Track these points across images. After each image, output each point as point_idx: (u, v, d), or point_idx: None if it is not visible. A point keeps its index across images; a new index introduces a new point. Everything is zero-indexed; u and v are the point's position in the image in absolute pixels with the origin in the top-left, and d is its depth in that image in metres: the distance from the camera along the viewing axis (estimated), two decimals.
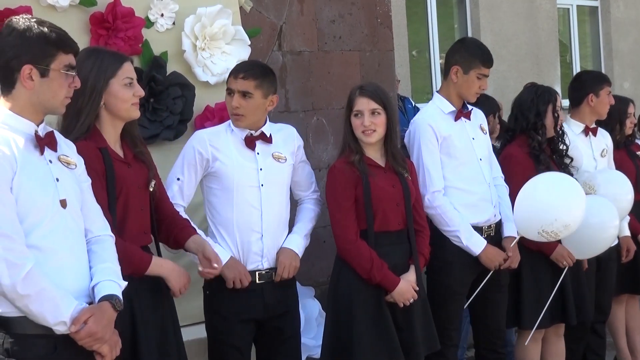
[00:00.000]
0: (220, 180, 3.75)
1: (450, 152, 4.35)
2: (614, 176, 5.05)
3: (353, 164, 3.90)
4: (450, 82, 4.41)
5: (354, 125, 3.93)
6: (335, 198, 3.91)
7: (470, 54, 4.41)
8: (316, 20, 5.30)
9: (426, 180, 4.29)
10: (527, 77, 9.61)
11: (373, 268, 3.83)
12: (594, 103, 5.10)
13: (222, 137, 3.78)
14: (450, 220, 4.29)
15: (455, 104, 4.41)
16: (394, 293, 3.88)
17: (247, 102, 3.72)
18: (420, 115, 4.49)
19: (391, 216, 3.94)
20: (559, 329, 4.82)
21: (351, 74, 5.39)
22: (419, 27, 10.14)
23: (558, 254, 4.53)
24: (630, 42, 12.61)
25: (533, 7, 11.05)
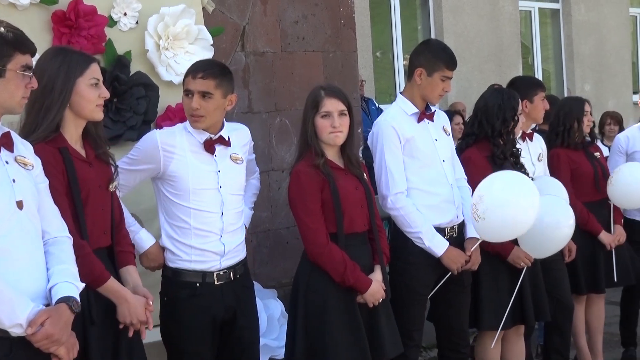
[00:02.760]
0: (176, 183, 3.67)
1: (413, 153, 4.34)
2: (551, 183, 5.09)
3: (318, 167, 3.85)
4: (414, 84, 4.40)
5: (320, 127, 3.87)
6: (303, 202, 3.86)
7: (435, 56, 4.40)
8: (279, 21, 5.29)
9: (389, 181, 4.28)
10: (489, 79, 9.71)
11: (346, 270, 3.80)
12: (529, 109, 5.13)
13: (177, 139, 3.69)
14: (413, 221, 4.29)
15: (419, 105, 4.41)
16: (367, 294, 3.87)
17: (207, 102, 3.64)
18: (384, 116, 4.48)
19: (357, 218, 3.92)
20: (519, 329, 4.84)
21: (314, 75, 5.39)
22: (383, 28, 10.18)
23: (515, 256, 4.55)
24: (591, 44, 12.77)
25: (496, 9, 11.15)
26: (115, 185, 3.37)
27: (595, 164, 5.54)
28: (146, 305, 3.26)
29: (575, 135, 5.49)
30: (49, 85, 2.99)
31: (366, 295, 3.86)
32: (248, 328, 3.86)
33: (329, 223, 3.86)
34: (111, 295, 3.18)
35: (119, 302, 3.19)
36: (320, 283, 3.87)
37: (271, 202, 5.16)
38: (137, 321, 3.21)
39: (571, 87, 12.40)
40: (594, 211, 5.41)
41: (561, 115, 5.56)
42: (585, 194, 5.34)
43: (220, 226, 3.71)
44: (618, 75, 12.65)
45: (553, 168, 5.49)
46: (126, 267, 3.38)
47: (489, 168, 4.61)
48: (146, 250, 3.74)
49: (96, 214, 3.26)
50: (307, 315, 3.88)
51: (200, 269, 3.70)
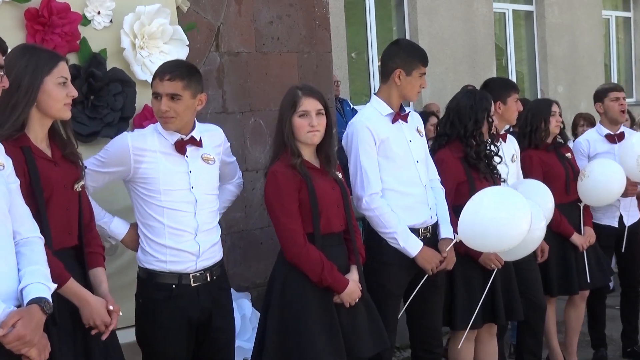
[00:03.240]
0: (148, 184, 3.65)
1: (387, 154, 4.35)
2: (535, 186, 5.13)
3: (294, 167, 3.85)
4: (393, 85, 4.41)
5: (297, 126, 3.87)
6: (281, 202, 3.84)
7: (410, 55, 4.43)
8: (254, 21, 5.27)
9: (364, 182, 4.28)
10: (463, 80, 9.75)
11: (324, 271, 3.80)
12: (502, 110, 5.16)
13: (148, 140, 3.68)
14: (388, 222, 4.29)
15: (394, 106, 4.43)
16: (343, 294, 3.87)
17: (176, 104, 3.62)
18: (358, 117, 4.48)
19: (334, 218, 3.93)
20: (492, 328, 4.87)
21: (289, 76, 5.38)
22: (358, 29, 10.19)
23: (485, 257, 4.57)
24: (565, 46, 12.86)
25: (470, 11, 11.20)
26: (81, 185, 3.34)
27: (567, 165, 5.58)
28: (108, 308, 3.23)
29: (541, 136, 5.53)
30: (16, 84, 2.96)
31: (343, 295, 3.86)
32: (224, 329, 3.86)
33: (305, 223, 3.86)
34: (72, 297, 3.15)
35: (81, 305, 3.17)
36: (297, 283, 3.86)
37: (245, 202, 5.15)
38: (100, 322, 3.19)
39: (544, 89, 12.48)
40: (566, 213, 5.45)
41: (529, 116, 5.61)
42: (556, 196, 5.36)
43: (194, 225, 3.71)
44: (591, 77, 12.75)
45: (525, 170, 5.52)
46: (95, 269, 3.36)
47: (461, 169, 4.64)
48: (122, 240, 3.77)
49: (60, 214, 3.22)
50: (283, 316, 3.87)
51: (176, 270, 3.69)
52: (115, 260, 3.99)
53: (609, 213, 5.89)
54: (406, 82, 4.38)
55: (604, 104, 6.02)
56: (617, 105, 5.97)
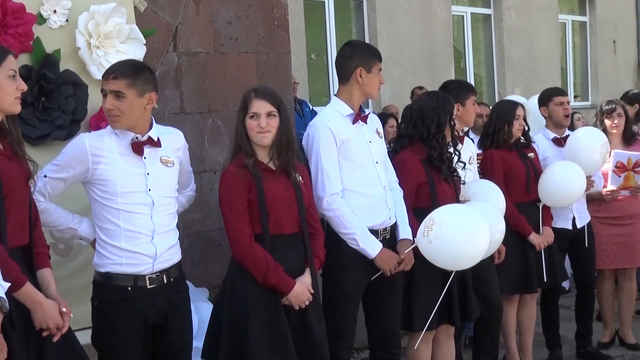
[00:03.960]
0: (105, 186, 3.63)
1: (348, 155, 4.36)
2: (487, 186, 5.18)
3: (246, 168, 3.88)
4: (355, 84, 4.44)
5: (249, 127, 3.91)
6: (229, 202, 3.88)
7: (367, 53, 4.50)
8: (212, 22, 5.25)
9: (325, 182, 4.29)
10: (422, 82, 9.80)
11: (268, 271, 3.82)
12: (461, 112, 5.21)
13: (105, 141, 3.66)
14: (348, 222, 4.31)
15: (355, 107, 4.46)
16: (290, 296, 3.88)
17: (120, 102, 3.61)
18: (319, 118, 4.49)
19: (285, 220, 3.93)
20: (449, 329, 4.90)
21: (247, 76, 5.36)
22: (317, 31, 10.20)
23: None
24: (522, 49, 12.98)
25: (429, 13, 11.26)
26: (34, 181, 3.31)
27: (528, 165, 5.64)
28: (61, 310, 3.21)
29: (504, 138, 5.59)
30: None
31: (290, 297, 3.87)
32: (181, 332, 3.84)
33: (255, 224, 3.88)
34: (26, 300, 3.13)
35: (34, 307, 3.15)
36: (244, 284, 3.88)
37: (203, 203, 5.12)
38: (53, 325, 3.17)
39: (502, 91, 12.58)
40: (525, 212, 5.52)
41: (493, 117, 5.68)
42: (517, 195, 5.44)
43: (151, 228, 3.69)
44: (547, 80, 12.86)
45: (487, 168, 5.58)
46: (43, 270, 3.34)
47: (423, 170, 4.66)
48: (92, 241, 3.76)
49: (17, 209, 3.21)
50: (231, 317, 3.88)
51: (131, 272, 3.67)
52: (70, 262, 3.96)
53: (562, 215, 5.96)
54: (368, 80, 4.43)
55: (548, 108, 6.12)
56: (562, 109, 6.06)
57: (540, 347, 6.33)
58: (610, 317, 6.62)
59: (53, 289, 3.30)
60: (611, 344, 6.62)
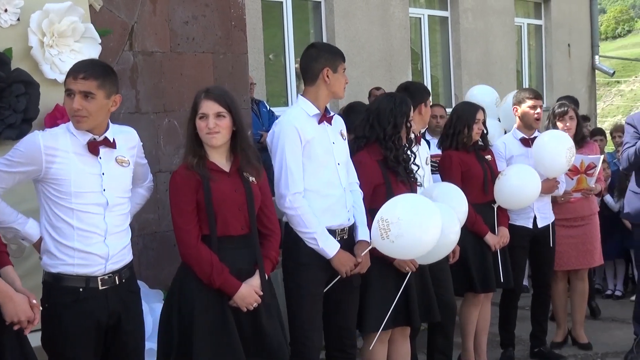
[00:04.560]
0: (59, 185, 3.60)
1: (311, 155, 4.37)
2: (449, 189, 5.22)
3: (194, 168, 3.87)
4: (322, 84, 4.45)
5: (198, 128, 3.90)
6: (177, 203, 3.87)
7: (332, 54, 4.52)
8: (169, 21, 5.22)
9: (288, 181, 4.29)
10: (379, 84, 9.83)
11: (213, 272, 3.80)
12: (424, 112, 5.27)
13: (60, 140, 3.62)
14: (308, 222, 4.31)
15: (321, 107, 4.47)
16: (235, 297, 3.86)
17: (89, 103, 3.59)
18: (286, 117, 4.47)
19: (233, 221, 3.92)
20: (405, 330, 4.92)
21: (204, 76, 5.35)
22: (275, 31, 10.18)
23: (400, 261, 4.63)
24: (478, 52, 13.08)
25: (386, 15, 11.29)
26: None
27: (485, 167, 5.71)
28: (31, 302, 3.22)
29: (463, 140, 5.65)
30: None
31: (235, 299, 3.86)
32: (133, 333, 3.82)
33: (203, 225, 3.88)
34: None
35: (4, 301, 3.14)
36: (192, 285, 3.87)
37: (158, 204, 5.10)
38: (24, 318, 3.17)
39: (458, 94, 12.67)
40: (482, 213, 5.57)
41: (454, 118, 5.74)
42: (474, 196, 5.49)
43: (104, 227, 3.66)
44: (503, 82, 12.98)
45: (445, 169, 5.64)
46: (5, 268, 3.33)
47: (380, 172, 4.68)
48: (35, 242, 3.71)
49: None
50: (180, 319, 3.87)
51: (83, 273, 3.64)
52: (21, 263, 3.92)
53: (523, 214, 6.03)
54: (334, 79, 4.46)
55: (521, 108, 6.18)
56: (534, 113, 6.13)
57: (493, 347, 6.39)
58: (563, 317, 6.72)
59: (19, 284, 3.30)
60: (564, 343, 6.72)
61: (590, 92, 15.96)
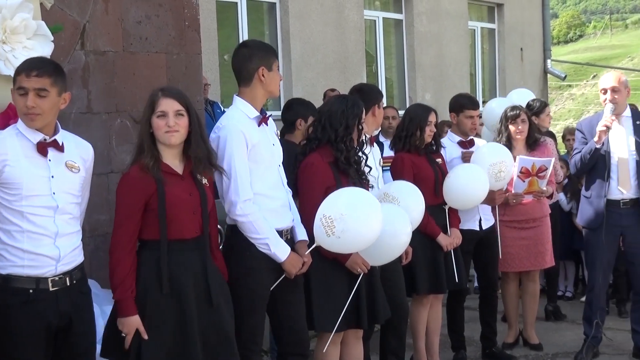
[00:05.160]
0: (10, 189, 3.55)
1: (257, 158, 4.34)
2: (406, 187, 5.25)
3: (148, 170, 3.81)
4: (258, 84, 4.41)
5: (156, 126, 3.85)
6: (126, 205, 3.80)
7: (265, 52, 4.49)
8: (122, 20, 5.18)
9: (238, 188, 4.24)
10: (334, 86, 9.84)
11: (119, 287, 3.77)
12: (377, 114, 5.30)
13: (8, 143, 3.59)
14: (261, 228, 4.28)
15: (258, 108, 4.45)
16: (122, 320, 3.80)
17: (42, 100, 3.56)
18: (229, 120, 4.40)
19: (188, 224, 3.89)
20: (358, 332, 4.93)
21: (157, 76, 5.31)
22: (230, 32, 10.15)
23: (352, 262, 4.62)
24: (432, 55, 13.17)
25: (341, 17, 11.32)
26: None
27: (437, 169, 5.74)
28: None
29: (415, 142, 5.68)
30: None
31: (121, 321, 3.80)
32: (84, 334, 3.78)
33: (152, 228, 3.83)
34: None
35: None
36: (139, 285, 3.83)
37: (110, 205, 5.02)
38: None
39: (413, 96, 12.75)
40: (434, 215, 5.60)
41: (406, 120, 5.76)
42: (425, 198, 5.50)
43: (54, 230, 3.63)
44: (457, 85, 13.09)
45: (396, 171, 5.67)
46: None
47: (331, 174, 4.68)
48: None
49: None
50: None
51: (33, 275, 3.60)
52: None
53: (469, 217, 6.09)
54: (270, 78, 4.43)
55: (458, 117, 6.25)
56: (470, 123, 6.22)
57: (447, 348, 6.44)
58: (514, 318, 6.79)
59: None
60: (515, 344, 6.78)
61: (543, 96, 16.15)
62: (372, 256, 4.64)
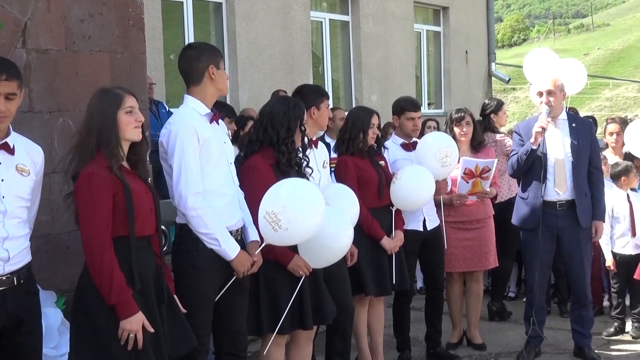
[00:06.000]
0: None
1: (208, 155, 4.34)
2: (341, 190, 5.27)
3: (111, 170, 3.76)
4: (208, 82, 4.43)
5: (125, 122, 3.79)
6: (96, 205, 3.71)
7: (212, 51, 4.53)
8: (64, 19, 5.10)
9: (188, 182, 4.23)
10: (280, 86, 9.84)
11: (113, 290, 3.68)
12: (316, 116, 5.30)
13: None
14: (210, 223, 4.26)
15: (209, 106, 4.46)
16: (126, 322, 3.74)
17: (11, 103, 3.58)
18: (181, 116, 4.40)
19: (148, 221, 3.89)
20: (310, 333, 4.94)
21: (100, 76, 5.24)
22: (176, 31, 10.08)
23: (294, 265, 4.64)
24: (378, 57, 13.23)
25: (288, 18, 11.32)
26: None
27: (380, 172, 5.77)
28: None
29: (359, 145, 5.71)
30: None
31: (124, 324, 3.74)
32: (31, 334, 3.75)
33: (121, 226, 3.78)
34: None
35: None
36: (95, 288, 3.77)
37: (52, 205, 4.96)
38: None
39: (359, 97, 12.80)
40: (378, 217, 5.62)
41: (349, 123, 5.78)
42: (370, 201, 5.55)
43: (3, 234, 3.60)
44: (403, 87, 13.18)
45: (340, 174, 5.68)
46: None
47: (273, 175, 4.67)
48: None
49: None
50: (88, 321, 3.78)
51: None
52: None
53: (413, 217, 6.13)
54: (218, 76, 4.47)
55: (400, 119, 6.30)
56: (411, 125, 6.27)
57: (391, 349, 6.47)
58: (458, 319, 6.85)
59: None
60: (459, 344, 6.85)
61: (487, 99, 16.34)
62: (315, 259, 4.65)
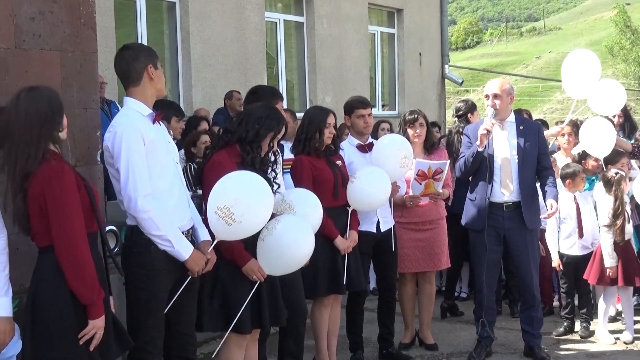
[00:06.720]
0: None
1: (154, 155, 4.30)
2: (304, 195, 5.27)
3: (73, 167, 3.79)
4: (147, 83, 4.43)
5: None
6: (72, 202, 3.70)
7: (149, 52, 4.55)
8: (14, 16, 5.02)
9: (137, 184, 4.19)
10: (234, 87, 9.82)
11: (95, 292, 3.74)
12: None
13: None
14: (161, 224, 4.23)
15: (150, 106, 4.43)
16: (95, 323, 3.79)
17: None
18: (124, 118, 4.37)
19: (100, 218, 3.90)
20: (255, 334, 4.93)
21: (51, 74, 5.17)
22: (129, 30, 10.01)
23: (249, 268, 4.63)
24: (333, 58, 13.27)
25: (242, 18, 11.30)
26: None
27: (337, 172, 5.78)
28: None
29: (315, 145, 5.71)
30: None
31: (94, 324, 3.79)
32: None
33: (90, 222, 3.80)
34: None
35: None
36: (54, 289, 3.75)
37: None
38: None
39: (313, 98, 12.82)
40: (333, 217, 5.63)
41: (305, 123, 5.78)
42: (325, 200, 5.54)
43: None
44: (357, 88, 13.22)
45: (296, 174, 5.68)
46: None
47: None
48: None
49: None
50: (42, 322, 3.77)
51: None
52: None
53: (367, 219, 6.15)
54: (157, 76, 4.47)
55: (351, 118, 6.33)
56: (362, 122, 6.30)
57: (344, 349, 6.48)
58: (410, 319, 6.88)
59: None
60: (412, 344, 6.88)
61: (440, 100, 16.48)
62: (276, 266, 4.65)
